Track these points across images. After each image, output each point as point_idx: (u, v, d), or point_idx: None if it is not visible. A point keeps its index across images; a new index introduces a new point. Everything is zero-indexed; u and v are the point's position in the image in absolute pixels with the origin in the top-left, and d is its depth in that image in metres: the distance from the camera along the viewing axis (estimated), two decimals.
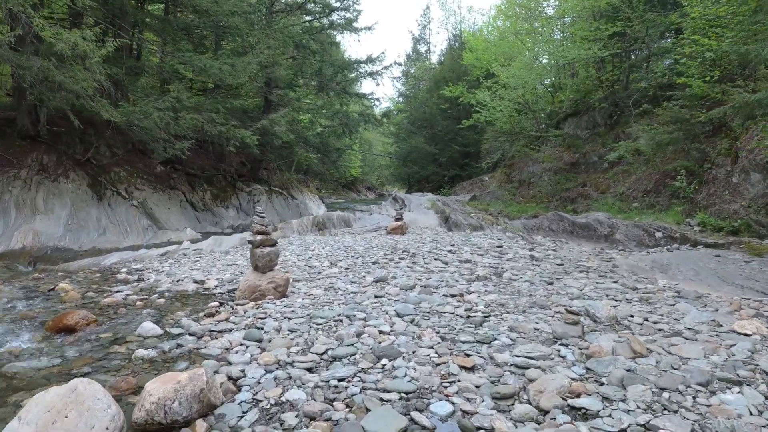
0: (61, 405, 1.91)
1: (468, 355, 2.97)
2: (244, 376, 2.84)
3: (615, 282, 4.98)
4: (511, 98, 17.98)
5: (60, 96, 9.55)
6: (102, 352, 3.41)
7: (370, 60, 16.66)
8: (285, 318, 3.95)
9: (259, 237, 4.62)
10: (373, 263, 6.29)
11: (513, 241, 8.56)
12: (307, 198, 19.74)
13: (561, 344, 3.06)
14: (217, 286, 5.51)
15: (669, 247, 7.43)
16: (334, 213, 11.31)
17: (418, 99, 28.79)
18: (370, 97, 17.81)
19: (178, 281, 5.91)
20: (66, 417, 1.87)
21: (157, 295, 5.16)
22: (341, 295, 4.71)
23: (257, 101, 18.03)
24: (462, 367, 2.79)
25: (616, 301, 4.22)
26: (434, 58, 34.81)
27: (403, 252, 6.99)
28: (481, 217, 12.01)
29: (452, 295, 4.42)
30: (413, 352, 3.06)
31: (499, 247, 7.41)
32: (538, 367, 2.70)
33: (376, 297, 4.47)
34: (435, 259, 6.45)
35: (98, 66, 9.63)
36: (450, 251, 7.06)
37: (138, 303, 4.82)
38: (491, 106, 18.50)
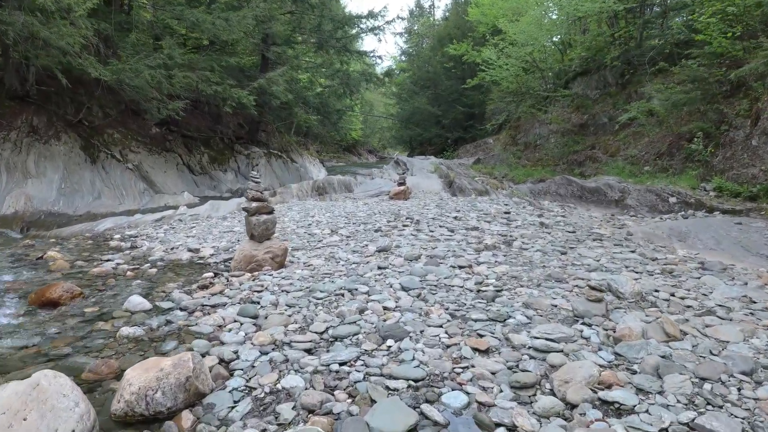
0: (19, 405, 1.64)
1: (481, 336, 2.71)
2: (237, 358, 2.59)
3: (632, 252, 4.68)
4: (519, 56, 17.17)
5: (47, 53, 9.01)
6: (85, 329, 3.16)
7: (371, 15, 15.78)
8: (283, 291, 3.68)
9: (254, 204, 4.30)
10: (376, 231, 5.99)
11: (520, 206, 8.24)
12: (307, 161, 19.28)
13: (583, 324, 2.79)
14: (212, 255, 5.24)
15: (684, 213, 7.10)
16: (334, 177, 10.94)
17: (421, 57, 27.66)
18: (371, 55, 16.98)
19: (171, 249, 5.64)
20: (24, 419, 1.61)
21: (149, 265, 4.89)
22: (342, 265, 4.43)
23: (254, 59, 17.26)
24: (475, 350, 2.53)
25: (637, 273, 3.93)
26: (438, 14, 33.33)
27: (406, 219, 6.68)
28: (486, 181, 11.63)
29: (460, 267, 4.13)
30: (421, 332, 2.80)
31: (506, 213, 7.09)
32: (561, 351, 2.44)
33: (379, 268, 4.19)
34: (440, 226, 6.14)
35: (84, 21, 9.03)
36: (456, 218, 6.75)
37: (128, 273, 4.56)
38: (497, 65, 17.72)
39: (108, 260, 5.11)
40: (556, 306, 3.11)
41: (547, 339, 2.55)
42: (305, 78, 17.69)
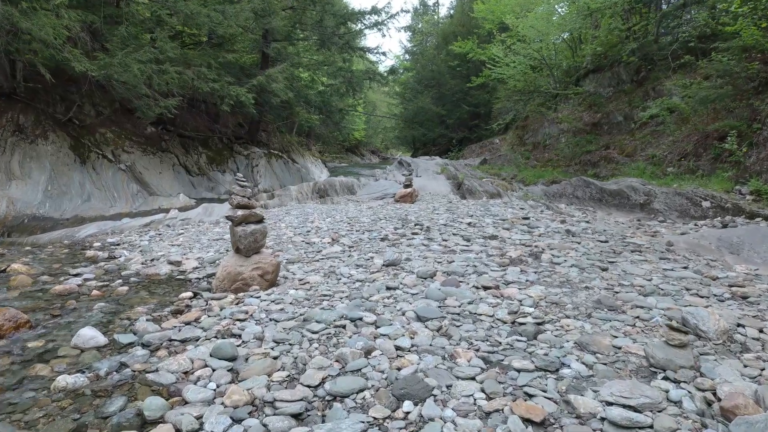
0: None
1: (530, 396, 1.99)
2: (200, 430, 1.88)
3: (685, 268, 3.94)
4: (526, 53, 16.42)
5: (29, 47, 8.34)
6: (17, 374, 2.45)
7: (375, 11, 15.07)
8: (271, 320, 2.97)
9: (239, 212, 3.59)
10: (382, 239, 5.27)
11: (537, 210, 7.51)
12: (308, 162, 18.59)
13: (666, 378, 2.07)
14: (195, 269, 4.53)
15: (721, 218, 6.36)
16: (336, 179, 10.23)
17: (425, 56, 26.86)
18: (375, 51, 16.27)
19: (151, 261, 4.93)
20: None
21: (121, 281, 4.19)
22: (344, 284, 3.72)
23: (254, 57, 16.58)
24: (527, 422, 1.81)
25: (700, 297, 3.20)
26: (443, 12, 32.53)
27: (415, 225, 5.96)
28: (495, 182, 10.90)
29: (485, 287, 3.41)
30: (448, 388, 2.08)
31: (525, 219, 6.36)
32: (650, 427, 1.71)
33: (388, 289, 3.47)
34: (454, 234, 5.42)
35: (68, 11, 8.35)
36: (470, 224, 6.02)
37: (94, 292, 3.85)
38: (504, 62, 16.97)
39: (76, 275, 4.41)
40: (619, 348, 2.38)
41: (625, 406, 1.82)
42: (307, 76, 16.98)
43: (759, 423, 1.66)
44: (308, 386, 2.14)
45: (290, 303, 3.26)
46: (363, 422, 1.84)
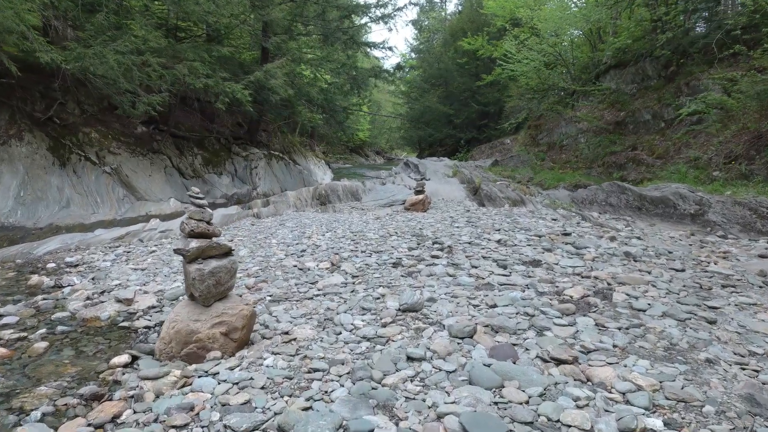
0: None
1: None
2: None
3: None
4: (541, 49, 15.18)
5: None
6: None
7: (381, 3, 13.87)
8: (227, 429, 1.80)
9: (194, 243, 2.42)
10: (394, 265, 4.10)
11: (573, 222, 6.31)
12: (311, 163, 17.41)
13: None
14: (150, 309, 3.37)
15: None
16: (339, 183, 9.05)
17: (432, 54, 25.54)
18: (381, 46, 15.05)
19: (101, 294, 3.78)
20: None
21: (45, 330, 3.04)
22: (343, 341, 2.55)
23: (255, 55, 15.43)
24: None
25: None
26: (451, 8, 31.19)
27: (433, 243, 4.78)
28: (512, 185, 9.67)
29: (556, 361, 2.22)
30: None
31: (565, 234, 5.16)
32: None
33: (409, 360, 2.30)
34: (484, 257, 4.23)
35: None
36: (499, 242, 4.83)
37: (1, 351, 2.71)
38: (516, 59, 15.73)
39: None
40: None
41: None
42: (309, 73, 15.80)
43: None
44: None
45: (262, 388, 2.09)
46: None
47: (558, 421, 1.74)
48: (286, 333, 2.74)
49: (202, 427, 1.82)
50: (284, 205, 7.85)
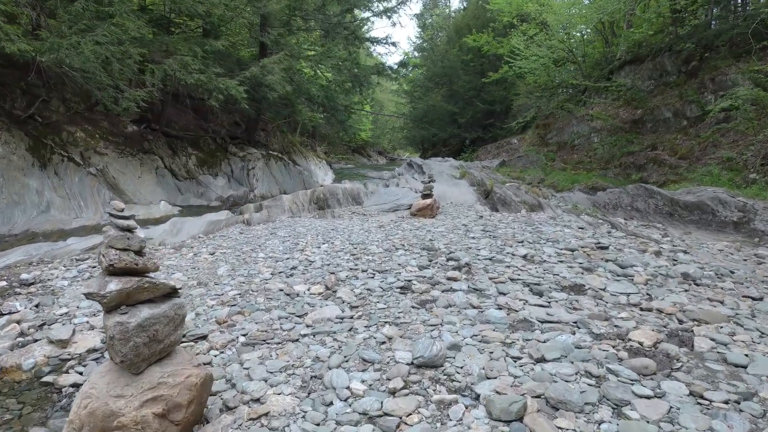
0: None
1: None
2: None
3: None
4: (550, 45, 14.33)
5: None
6: None
7: None
8: None
9: (114, 284, 1.63)
10: (402, 290, 3.29)
11: (602, 229, 5.49)
12: (312, 164, 16.61)
13: None
14: (89, 353, 2.58)
15: None
16: (339, 186, 8.25)
17: (436, 52, 24.66)
18: (384, 42, 14.21)
19: (39, 328, 2.99)
20: None
21: None
22: (335, 420, 1.76)
23: (252, 52, 14.65)
24: None
25: None
26: (455, 4, 30.31)
27: (448, 260, 3.97)
28: (522, 186, 8.84)
29: None
30: None
31: (601, 248, 4.34)
32: None
33: None
34: (511, 279, 3.43)
35: None
36: (525, 257, 4.02)
37: None
38: (524, 56, 14.88)
39: None
40: None
41: None
42: (309, 70, 15.00)
43: None
44: None
45: None
46: None
47: None
48: (257, 400, 1.95)
49: None
50: (278, 210, 7.05)
